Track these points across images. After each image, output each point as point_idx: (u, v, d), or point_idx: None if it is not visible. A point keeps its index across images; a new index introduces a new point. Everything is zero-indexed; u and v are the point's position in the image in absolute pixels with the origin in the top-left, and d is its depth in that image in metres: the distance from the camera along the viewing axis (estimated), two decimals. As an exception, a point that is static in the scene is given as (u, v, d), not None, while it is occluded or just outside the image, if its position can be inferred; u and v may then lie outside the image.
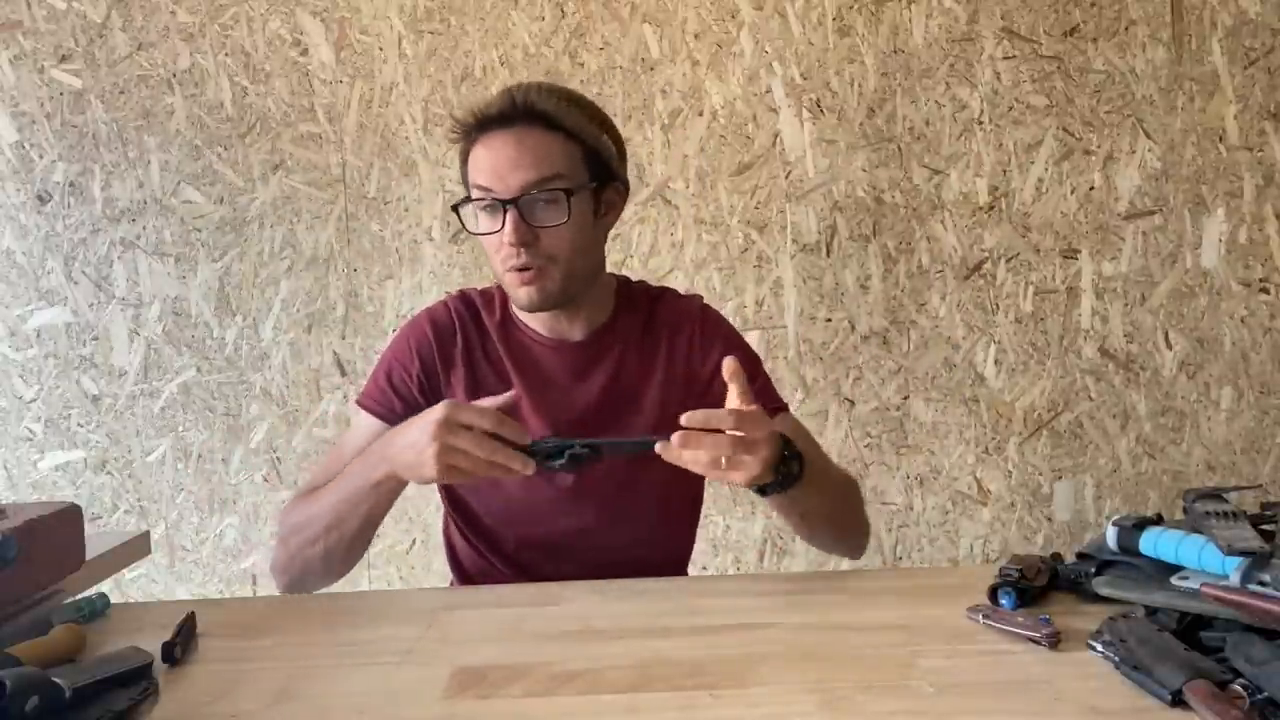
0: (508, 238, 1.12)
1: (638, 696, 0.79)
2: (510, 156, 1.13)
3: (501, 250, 1.15)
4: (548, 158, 1.14)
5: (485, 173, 1.14)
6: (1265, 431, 1.90)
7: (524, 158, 1.13)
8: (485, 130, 1.15)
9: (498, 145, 1.14)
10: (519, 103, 1.15)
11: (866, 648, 0.88)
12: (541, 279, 1.15)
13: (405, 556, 1.88)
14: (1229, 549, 0.84)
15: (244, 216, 1.84)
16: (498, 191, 1.13)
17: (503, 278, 1.19)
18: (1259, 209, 1.86)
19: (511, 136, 1.14)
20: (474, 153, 1.17)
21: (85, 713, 0.75)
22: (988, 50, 1.83)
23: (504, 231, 1.13)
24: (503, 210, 1.12)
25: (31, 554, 0.95)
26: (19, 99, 1.81)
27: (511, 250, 1.13)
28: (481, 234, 1.17)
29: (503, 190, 1.13)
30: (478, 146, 1.16)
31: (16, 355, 1.85)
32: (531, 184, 1.13)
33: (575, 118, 1.17)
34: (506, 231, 1.12)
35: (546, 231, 1.14)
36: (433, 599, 1.09)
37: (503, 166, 1.13)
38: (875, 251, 1.86)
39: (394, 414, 1.20)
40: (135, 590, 1.89)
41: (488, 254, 1.20)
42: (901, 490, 1.91)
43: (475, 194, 1.16)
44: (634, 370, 1.25)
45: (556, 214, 1.14)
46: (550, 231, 1.14)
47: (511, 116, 1.14)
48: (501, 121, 1.14)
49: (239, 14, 1.81)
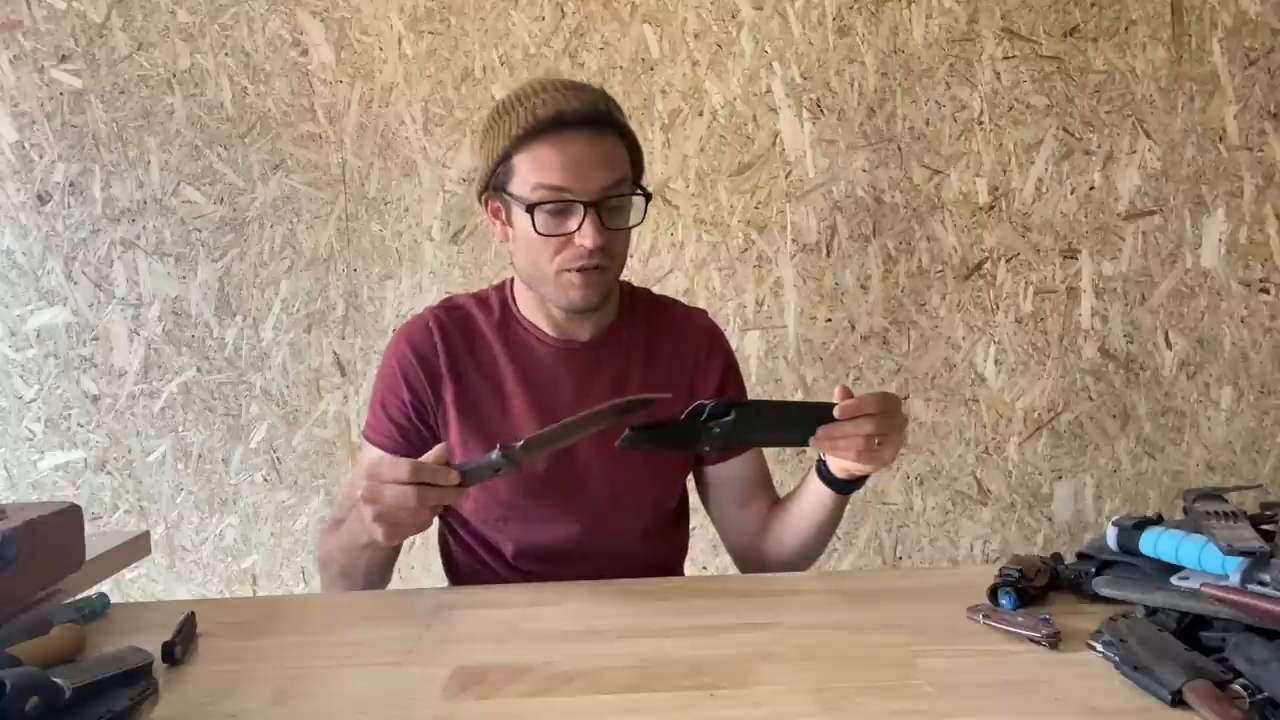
0: (589, 241, 1.11)
1: (638, 696, 0.79)
2: (589, 157, 1.12)
3: (565, 251, 1.13)
4: (620, 161, 1.15)
5: (560, 171, 1.11)
6: (1265, 431, 1.90)
7: (601, 161, 1.12)
8: (555, 130, 1.11)
9: (574, 146, 1.11)
10: (601, 107, 1.13)
11: (866, 648, 0.88)
12: (600, 282, 1.16)
13: (405, 556, 1.88)
14: (1229, 549, 0.84)
15: (244, 216, 1.84)
16: (576, 193, 1.11)
17: (551, 278, 1.16)
18: (1259, 209, 1.86)
19: (586, 139, 1.12)
20: (537, 150, 1.12)
21: (85, 713, 0.74)
22: (988, 50, 1.83)
23: (581, 233, 1.11)
24: (582, 211, 1.11)
25: (31, 554, 0.95)
26: (19, 99, 1.81)
27: (583, 252, 1.12)
28: (549, 234, 1.13)
29: (582, 192, 1.11)
30: (543, 146, 1.12)
31: (16, 355, 1.85)
32: (609, 187, 1.12)
33: (624, 120, 1.18)
34: (587, 234, 1.11)
35: (615, 235, 1.15)
36: (433, 599, 1.09)
37: (581, 168, 1.11)
38: (875, 251, 1.86)
39: (397, 444, 1.21)
40: (135, 590, 1.89)
41: (530, 253, 1.16)
42: (901, 490, 1.91)
43: (543, 194, 1.12)
44: (637, 375, 1.26)
45: (624, 218, 1.15)
46: (619, 235, 1.15)
47: (593, 120, 1.12)
48: (581, 124, 1.12)
49: (239, 14, 1.81)
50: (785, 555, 1.24)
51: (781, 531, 1.23)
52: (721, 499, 1.31)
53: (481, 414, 1.22)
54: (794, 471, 1.83)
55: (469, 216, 1.83)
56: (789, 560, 1.24)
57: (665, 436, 1.03)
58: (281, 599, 1.15)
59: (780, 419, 1.10)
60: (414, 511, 0.99)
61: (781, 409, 1.13)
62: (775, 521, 1.25)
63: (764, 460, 1.31)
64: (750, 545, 1.28)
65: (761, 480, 1.30)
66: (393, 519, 0.99)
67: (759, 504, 1.28)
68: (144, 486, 1.88)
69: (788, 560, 1.24)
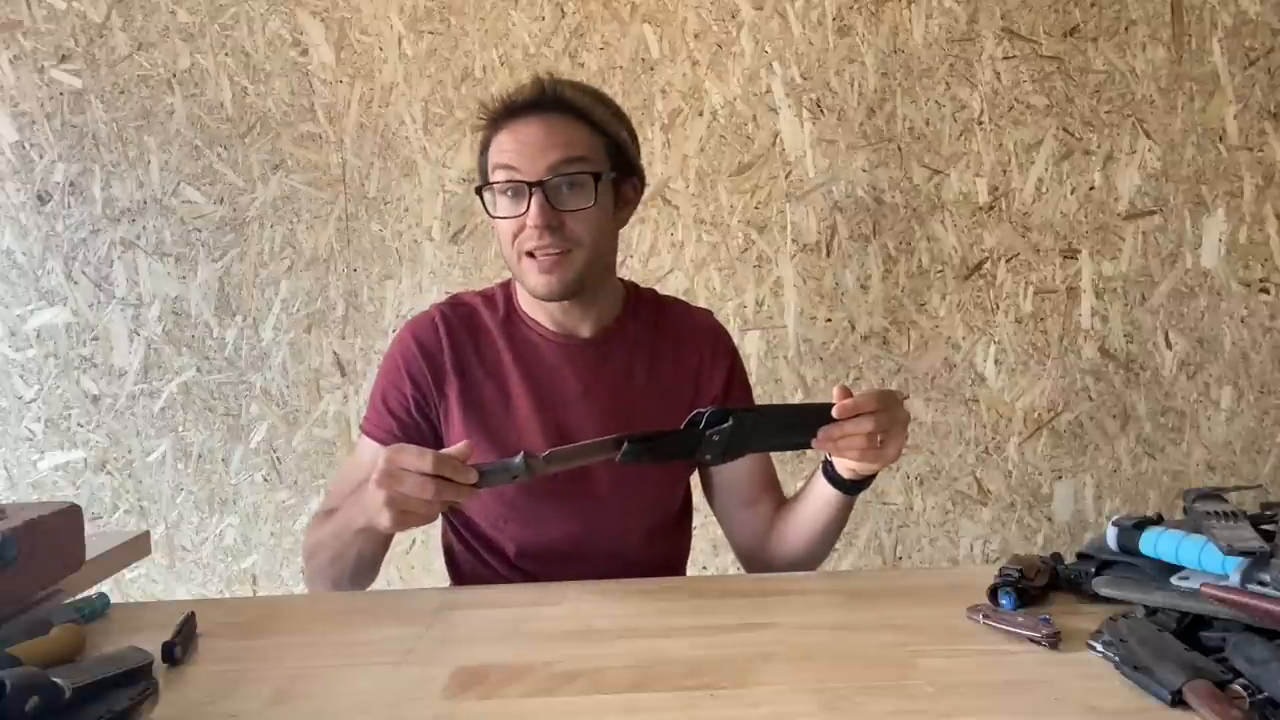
0: (532, 220, 1.11)
1: (638, 696, 0.79)
2: (537, 139, 1.13)
3: (521, 234, 1.14)
4: (574, 141, 1.14)
5: (510, 154, 1.13)
6: (1265, 431, 1.90)
7: (551, 140, 1.13)
8: (513, 117, 1.15)
9: (524, 130, 1.14)
10: (548, 91, 1.15)
11: (866, 648, 0.88)
12: (562, 266, 1.15)
13: (405, 556, 1.88)
14: (1229, 549, 0.84)
15: (244, 216, 1.84)
16: (523, 173, 1.12)
17: (517, 265, 1.17)
18: (1259, 209, 1.86)
19: (539, 121, 1.14)
20: (498, 139, 1.16)
21: (85, 713, 0.74)
22: (988, 50, 1.83)
23: (529, 214, 1.11)
24: (528, 192, 1.12)
25: (31, 554, 0.95)
26: (19, 99, 1.81)
27: (533, 232, 1.12)
28: (502, 217, 1.15)
29: (529, 172, 1.12)
30: (502, 133, 1.15)
31: (16, 355, 1.85)
32: (558, 165, 1.12)
33: (600, 111, 1.18)
34: (531, 214, 1.11)
35: (571, 215, 1.14)
36: (433, 599, 1.09)
37: (530, 149, 1.12)
38: (875, 251, 1.86)
39: (396, 438, 1.20)
40: (135, 590, 1.89)
41: (500, 241, 1.18)
42: (901, 490, 1.91)
43: (498, 176, 1.14)
44: (640, 373, 1.26)
45: (582, 198, 1.14)
46: (575, 216, 1.14)
47: (540, 104, 1.14)
48: (530, 108, 1.14)
49: (239, 14, 1.81)
50: (792, 556, 1.23)
51: (788, 532, 1.23)
52: (727, 499, 1.30)
53: (485, 411, 1.22)
54: (794, 472, 1.83)
55: (469, 216, 1.83)
56: (795, 561, 1.23)
57: (665, 448, 1.03)
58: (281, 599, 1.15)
59: (780, 423, 1.10)
60: (427, 504, 0.98)
61: (780, 413, 1.13)
62: (782, 522, 1.24)
63: (770, 460, 1.31)
64: (757, 546, 1.28)
65: (768, 480, 1.29)
66: (404, 506, 0.98)
67: (765, 505, 1.28)
68: (144, 486, 1.88)
69: (794, 561, 1.23)
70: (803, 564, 1.24)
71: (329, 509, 1.21)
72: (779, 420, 1.10)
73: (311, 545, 1.20)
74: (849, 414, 1.03)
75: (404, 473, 0.97)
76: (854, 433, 1.03)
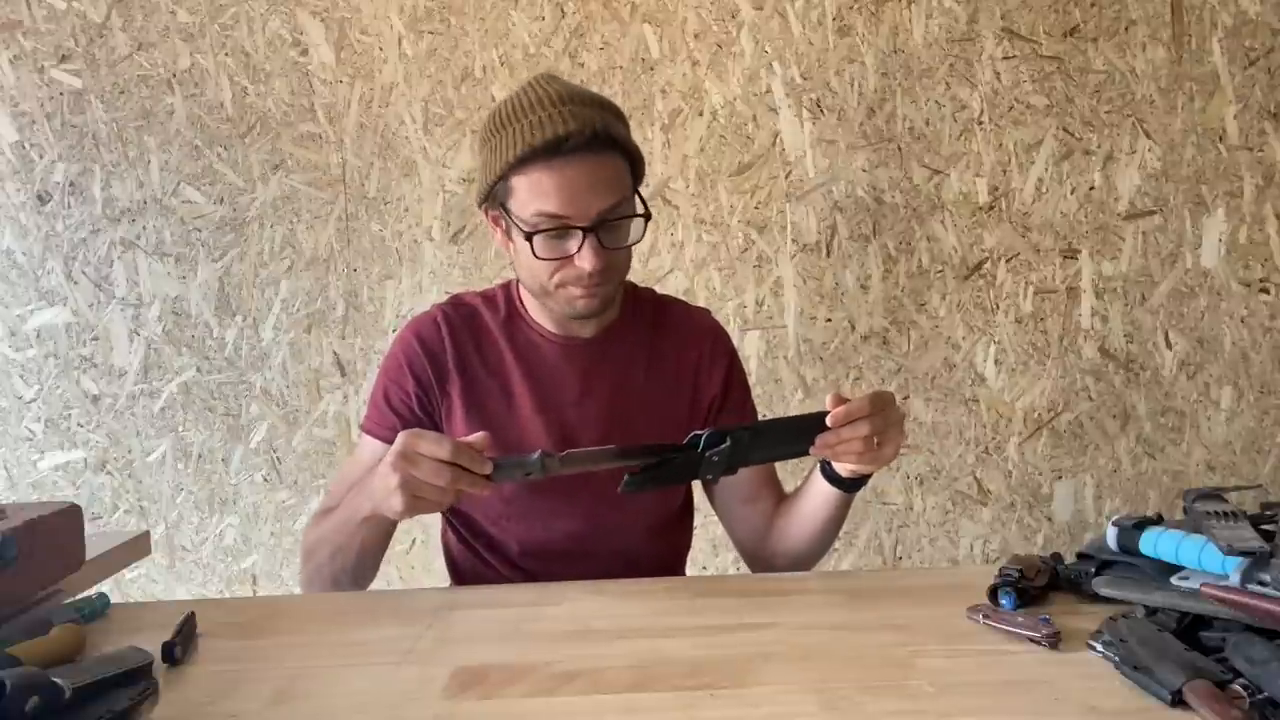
0: (588, 264, 1.11)
1: (638, 696, 0.79)
2: (587, 184, 1.10)
3: (564, 270, 1.13)
4: (618, 180, 1.13)
5: (558, 201, 1.09)
6: (1265, 431, 1.90)
7: (600, 184, 1.11)
8: (552, 156, 1.09)
9: (571, 171, 1.09)
10: (599, 132, 1.10)
11: (866, 648, 0.88)
12: (603, 291, 1.16)
13: (405, 556, 1.88)
14: (1229, 549, 0.84)
15: (244, 216, 1.84)
16: (574, 219, 1.10)
17: (552, 292, 1.16)
18: (1259, 209, 1.86)
19: (584, 163, 1.10)
20: (534, 176, 1.10)
21: (85, 713, 0.74)
22: (988, 50, 1.83)
23: (580, 256, 1.11)
24: (581, 235, 1.11)
25: (31, 554, 0.94)
26: (19, 99, 1.81)
27: (581, 272, 1.12)
28: (547, 259, 1.12)
29: (580, 217, 1.10)
30: (540, 171, 1.09)
31: (16, 355, 1.85)
32: (608, 210, 1.11)
33: (620, 129, 1.15)
34: (586, 258, 1.11)
35: (615, 253, 1.14)
36: (433, 599, 1.09)
37: (580, 194, 1.10)
38: (875, 251, 1.86)
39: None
40: (135, 590, 1.89)
41: (530, 269, 1.15)
42: (901, 490, 1.91)
43: (541, 221, 1.11)
44: (640, 372, 1.26)
45: (625, 234, 1.15)
46: (620, 252, 1.15)
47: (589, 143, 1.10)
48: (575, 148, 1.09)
49: (239, 14, 1.81)
50: (792, 553, 1.24)
51: (788, 529, 1.23)
52: (728, 497, 1.31)
53: (487, 410, 1.22)
54: (793, 469, 1.82)
55: (469, 216, 1.83)
56: (796, 557, 1.24)
57: (666, 474, 1.05)
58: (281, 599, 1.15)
59: (776, 436, 1.10)
60: (441, 490, 0.98)
61: (776, 426, 1.13)
62: (782, 519, 1.25)
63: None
64: (758, 543, 1.28)
65: (767, 477, 1.30)
66: (417, 491, 0.99)
67: (766, 501, 1.28)
68: (144, 486, 1.88)
69: (795, 557, 1.24)
70: (805, 559, 1.24)
71: (328, 508, 1.21)
72: (775, 433, 1.11)
73: (311, 543, 1.20)
74: (844, 421, 1.03)
75: (420, 457, 0.98)
76: (850, 438, 1.04)
